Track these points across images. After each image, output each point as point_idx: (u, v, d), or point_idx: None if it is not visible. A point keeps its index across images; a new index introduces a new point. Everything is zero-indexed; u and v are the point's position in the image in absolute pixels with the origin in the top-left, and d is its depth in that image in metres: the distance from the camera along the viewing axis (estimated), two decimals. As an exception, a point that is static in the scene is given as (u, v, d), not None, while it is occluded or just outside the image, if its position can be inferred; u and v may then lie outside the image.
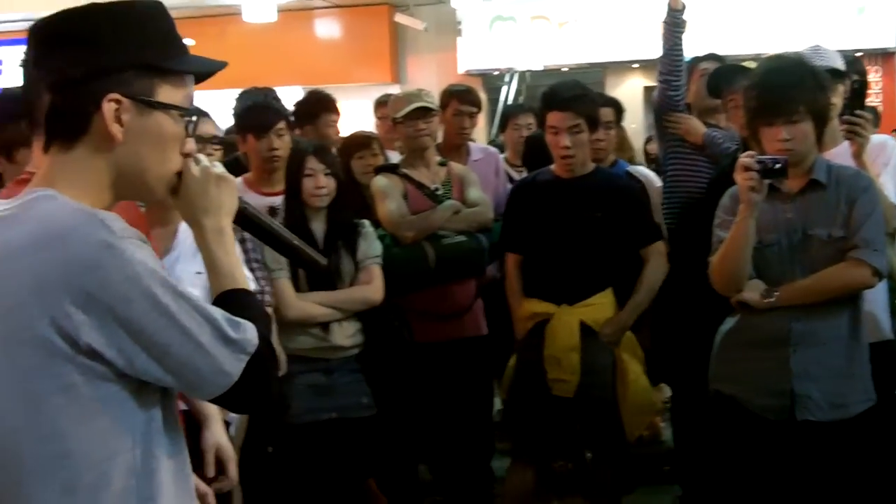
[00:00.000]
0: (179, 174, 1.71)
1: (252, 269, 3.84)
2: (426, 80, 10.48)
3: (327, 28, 12.58)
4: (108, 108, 1.57)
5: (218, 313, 1.58)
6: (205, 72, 1.71)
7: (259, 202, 4.16)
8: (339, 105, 5.51)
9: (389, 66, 12.30)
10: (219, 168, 1.74)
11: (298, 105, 5.48)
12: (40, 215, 1.54)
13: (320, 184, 3.96)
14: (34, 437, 1.53)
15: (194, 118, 1.71)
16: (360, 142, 4.87)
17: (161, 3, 1.68)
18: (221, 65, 1.75)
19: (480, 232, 4.47)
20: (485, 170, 4.98)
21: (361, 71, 12.17)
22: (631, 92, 11.26)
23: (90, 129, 1.59)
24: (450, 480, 4.81)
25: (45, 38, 1.63)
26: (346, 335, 4.03)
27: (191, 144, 1.71)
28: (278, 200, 4.19)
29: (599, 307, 4.07)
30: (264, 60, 11.91)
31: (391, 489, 4.75)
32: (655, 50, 4.85)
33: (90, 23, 1.60)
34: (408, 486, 4.68)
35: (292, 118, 4.71)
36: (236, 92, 4.72)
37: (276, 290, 3.92)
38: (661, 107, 4.75)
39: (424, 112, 4.46)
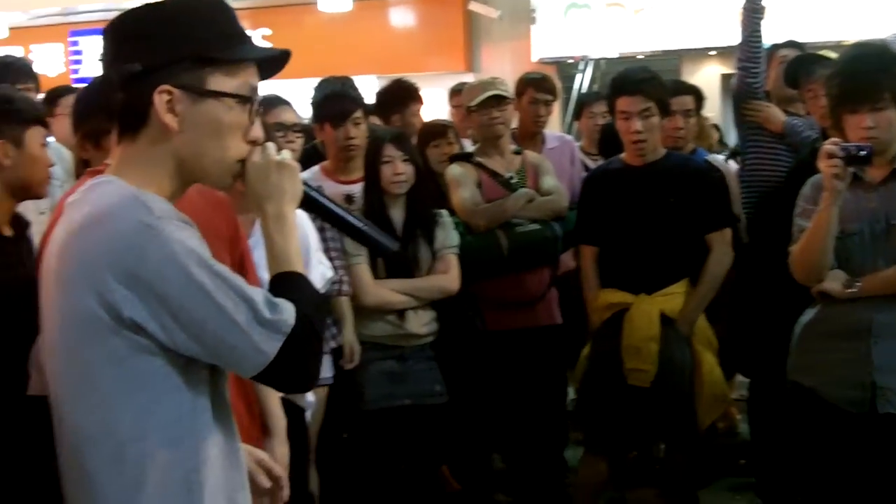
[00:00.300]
0: (244, 162, 1.75)
1: (331, 258, 3.88)
2: (500, 68, 10.44)
3: (401, 17, 12.59)
4: (159, 99, 1.65)
5: (258, 294, 1.62)
6: (258, 58, 1.75)
7: (336, 190, 4.20)
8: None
9: (463, 54, 12.27)
10: (280, 155, 1.77)
11: (382, 94, 5.50)
12: (93, 198, 1.65)
13: (398, 170, 3.98)
14: (87, 406, 1.63)
15: (256, 106, 1.75)
16: (436, 130, 4.88)
17: (220, 2, 1.74)
18: (275, 51, 1.79)
19: (554, 220, 4.45)
20: (560, 158, 4.95)
21: (435, 59, 12.16)
22: (708, 80, 11.08)
23: (149, 121, 1.67)
24: (522, 470, 4.81)
25: (114, 36, 1.73)
26: (421, 323, 4.06)
27: (256, 132, 1.75)
28: (355, 188, 4.22)
29: (677, 297, 4.03)
30: (339, 50, 11.97)
31: (464, 477, 4.78)
32: (733, 37, 4.79)
33: (146, 20, 1.69)
34: (480, 475, 4.69)
35: (372, 107, 4.73)
36: (314, 81, 4.75)
37: (354, 276, 3.95)
38: (740, 94, 4.69)
39: (498, 100, 4.45)
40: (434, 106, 7.20)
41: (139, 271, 1.56)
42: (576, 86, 11.77)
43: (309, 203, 1.86)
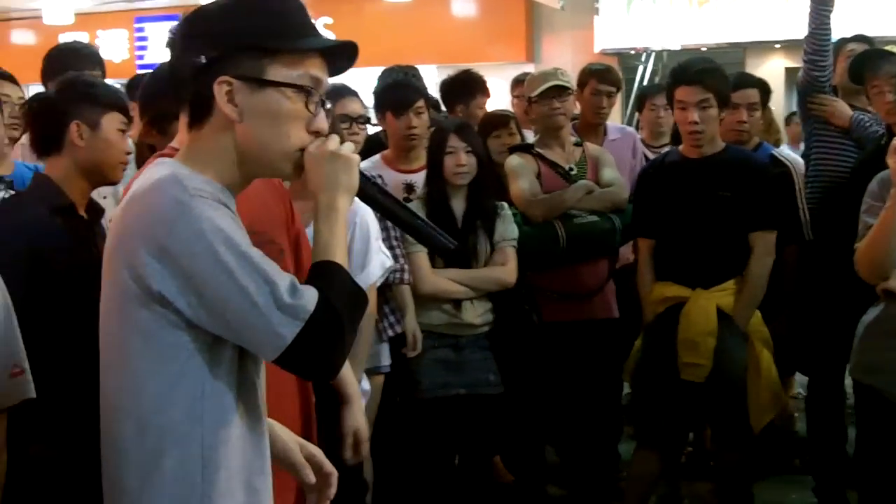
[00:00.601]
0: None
1: (392, 247, 3.89)
2: (561, 58, 10.41)
3: (463, 6, 12.59)
4: (218, 90, 1.68)
5: (283, 279, 1.63)
6: (319, 48, 1.75)
7: (397, 179, 4.22)
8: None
9: (524, 44, 12.24)
10: (336, 145, 1.77)
11: (448, 84, 5.48)
12: (143, 178, 1.71)
13: (461, 161, 3.98)
14: (117, 376, 1.69)
15: (319, 97, 1.75)
16: (497, 121, 4.86)
17: None
18: (337, 42, 1.79)
19: (614, 212, 4.42)
20: (622, 150, 4.92)
21: (496, 49, 12.14)
22: (772, 73, 10.94)
23: (214, 112, 1.71)
24: (575, 463, 4.80)
25: (184, 30, 1.76)
26: (476, 314, 4.06)
27: (320, 123, 1.76)
28: (416, 178, 4.23)
29: (735, 292, 3.98)
30: (400, 39, 12.00)
31: (517, 468, 4.78)
32: (799, 29, 4.73)
33: (212, 13, 1.73)
34: (534, 466, 4.68)
35: (434, 98, 4.72)
36: (375, 70, 4.77)
37: (412, 264, 3.96)
38: (806, 88, 4.62)
39: (559, 91, 4.42)
40: (494, 96, 7.18)
41: (168, 246, 1.59)
42: (637, 77, 11.70)
43: (366, 196, 1.86)
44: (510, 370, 4.14)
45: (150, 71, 3.29)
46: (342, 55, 1.79)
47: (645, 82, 11.26)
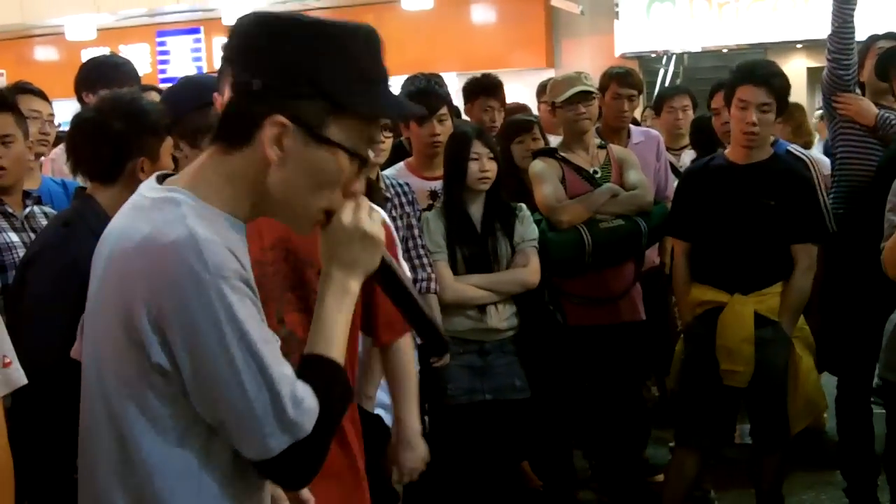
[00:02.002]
0: (330, 212, 1.64)
1: (420, 255, 3.90)
2: (581, 63, 10.39)
3: (483, 13, 12.62)
4: (270, 128, 1.52)
5: (286, 386, 1.51)
6: (390, 116, 1.67)
7: (421, 186, 4.22)
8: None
9: (545, 50, 12.25)
10: (370, 224, 1.66)
11: (464, 88, 5.50)
12: (159, 220, 1.52)
13: (485, 167, 3.98)
14: (108, 439, 1.57)
15: (366, 163, 1.62)
16: (521, 126, 4.84)
17: (373, 34, 1.60)
18: (412, 110, 1.69)
19: (639, 215, 4.40)
20: (645, 153, 4.90)
21: (517, 56, 12.16)
22: (794, 73, 10.89)
23: (252, 142, 1.54)
24: (604, 466, 4.79)
25: (243, 36, 1.58)
26: (501, 318, 4.06)
27: (358, 186, 1.64)
28: (440, 185, 4.23)
29: (774, 297, 3.95)
30: (421, 47, 12.04)
31: (546, 473, 4.77)
32: (820, 29, 4.70)
33: (286, 35, 1.54)
34: (562, 471, 4.67)
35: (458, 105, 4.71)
36: (397, 80, 4.76)
37: (435, 272, 3.96)
38: (831, 87, 4.59)
39: (584, 95, 4.42)
40: (516, 102, 7.19)
41: (175, 321, 1.47)
42: (658, 80, 11.69)
43: (382, 279, 1.78)
44: (537, 374, 4.13)
45: (172, 85, 3.30)
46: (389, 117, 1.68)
47: (666, 85, 11.24)
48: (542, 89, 6.14)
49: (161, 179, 1.64)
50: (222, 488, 1.58)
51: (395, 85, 4.64)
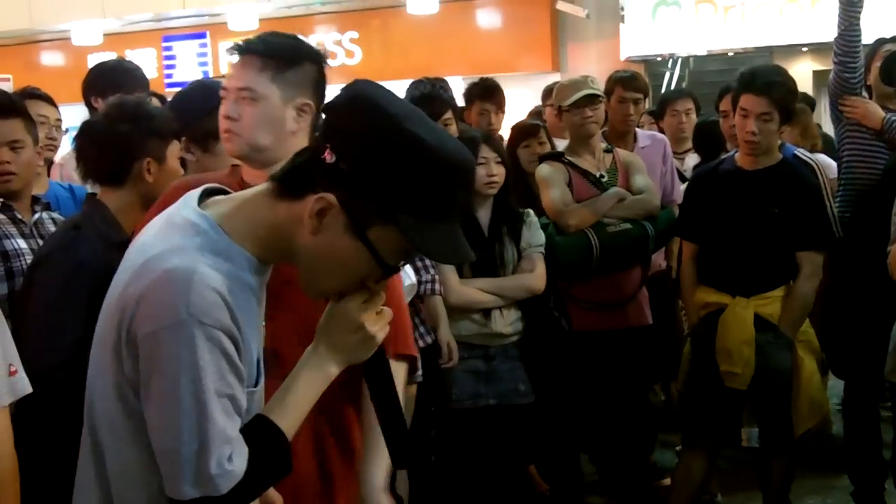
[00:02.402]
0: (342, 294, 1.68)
1: (423, 258, 3.90)
2: (587, 67, 10.40)
3: (488, 18, 12.61)
4: (318, 200, 1.56)
5: (218, 445, 1.54)
6: (433, 256, 1.72)
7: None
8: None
9: (550, 54, 12.25)
10: (372, 324, 1.69)
11: (465, 90, 5.50)
12: (171, 243, 1.60)
13: (492, 172, 3.98)
14: (88, 444, 1.69)
15: (391, 274, 1.67)
16: (527, 130, 4.85)
17: (466, 170, 1.63)
18: (454, 257, 1.72)
19: (646, 219, 4.40)
20: (652, 157, 4.89)
21: (522, 60, 12.15)
22: (800, 76, 10.89)
23: (301, 200, 1.59)
24: (610, 470, 4.78)
25: (351, 109, 1.60)
26: (506, 323, 4.06)
27: (378, 286, 1.67)
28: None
29: (776, 301, 3.95)
30: (427, 52, 12.05)
31: (552, 477, 4.76)
32: (826, 32, 4.70)
33: (387, 137, 1.55)
34: (569, 475, 4.67)
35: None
36: (402, 84, 4.77)
37: (440, 276, 3.96)
38: (837, 90, 4.59)
39: (591, 99, 4.41)
40: (521, 106, 7.19)
41: (144, 345, 1.55)
42: (664, 84, 11.68)
43: (370, 368, 1.77)
44: (542, 378, 4.13)
45: (182, 89, 3.31)
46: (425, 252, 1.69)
47: (672, 88, 11.24)
48: (547, 93, 6.14)
49: (210, 194, 1.72)
50: None
51: (400, 89, 4.66)
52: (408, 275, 3.54)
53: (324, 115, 1.67)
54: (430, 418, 4.08)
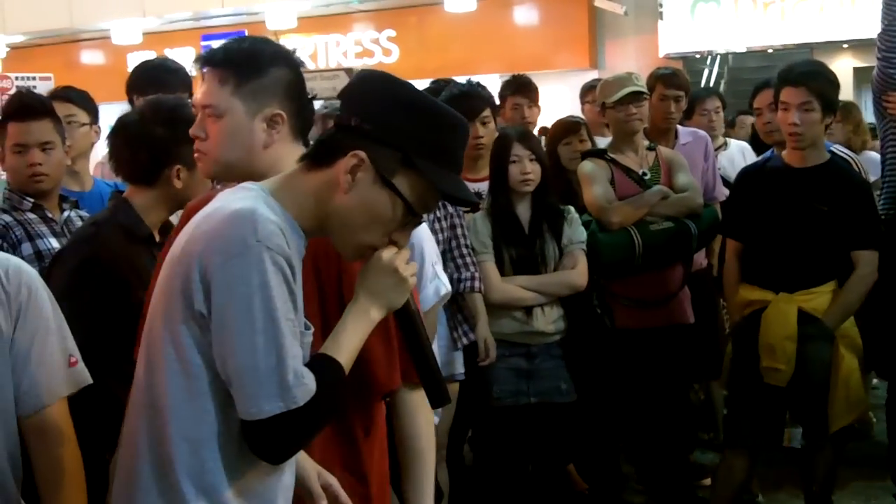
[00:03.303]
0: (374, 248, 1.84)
1: (463, 255, 3.90)
2: (625, 64, 10.35)
3: (526, 15, 12.60)
4: (349, 158, 1.76)
5: (294, 359, 1.67)
6: (447, 192, 1.82)
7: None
8: (539, 91, 5.45)
9: (588, 51, 12.22)
10: (405, 269, 1.85)
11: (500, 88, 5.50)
12: (231, 199, 1.75)
13: (526, 170, 3.98)
14: (151, 380, 1.76)
15: (420, 218, 1.84)
16: (568, 127, 4.83)
17: (463, 127, 1.86)
18: (464, 196, 1.86)
19: (689, 217, 4.37)
20: (693, 154, 4.85)
21: (560, 57, 12.13)
22: (840, 73, 10.73)
23: (332, 165, 1.78)
24: (650, 470, 4.76)
25: (361, 85, 1.87)
26: (548, 321, 4.05)
27: (403, 238, 1.85)
28: (483, 186, 4.23)
29: (822, 296, 3.90)
30: (464, 49, 12.06)
31: (592, 476, 4.75)
32: (867, 28, 4.65)
33: (393, 92, 1.81)
34: (608, 474, 4.65)
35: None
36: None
37: (482, 273, 3.96)
38: (881, 86, 4.52)
39: (635, 96, 4.39)
40: (558, 103, 7.18)
41: (216, 276, 1.66)
42: (703, 81, 11.62)
43: (401, 315, 1.94)
44: (584, 376, 4.11)
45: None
46: (444, 195, 1.85)
47: (711, 85, 11.17)
48: (586, 90, 6.11)
49: None
50: (232, 447, 1.73)
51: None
52: (444, 283, 3.53)
53: (339, 101, 1.89)
54: (472, 417, 4.08)
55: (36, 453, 2.12)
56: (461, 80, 4.62)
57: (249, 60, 2.04)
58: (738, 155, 5.45)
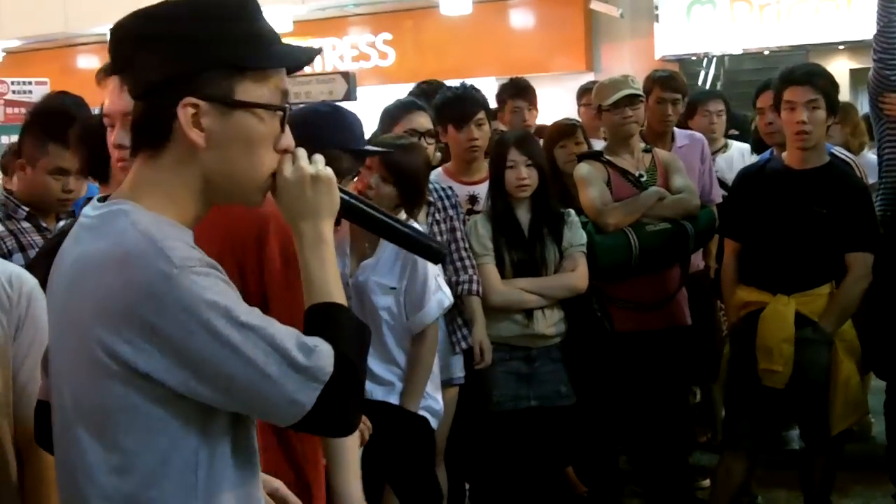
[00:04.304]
0: (275, 174, 1.62)
1: (462, 258, 3.90)
2: (621, 67, 10.36)
3: (522, 18, 12.62)
4: (183, 113, 1.50)
5: (290, 339, 1.49)
6: (291, 64, 1.62)
7: (460, 191, 4.21)
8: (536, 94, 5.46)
9: (584, 54, 12.23)
10: (313, 167, 1.64)
11: (497, 92, 5.50)
12: (112, 234, 1.50)
13: (522, 175, 3.97)
14: (97, 451, 1.52)
15: (288, 111, 1.60)
16: (564, 130, 4.83)
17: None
18: (307, 52, 1.66)
19: (686, 219, 4.37)
20: (690, 156, 4.85)
21: (556, 60, 12.14)
22: (836, 75, 10.79)
23: (172, 136, 1.53)
24: (649, 472, 4.76)
25: (126, 38, 1.56)
26: (548, 324, 4.04)
27: (287, 140, 1.62)
28: (479, 189, 4.23)
29: (819, 298, 3.91)
30: (460, 52, 12.06)
31: (590, 479, 4.74)
32: (863, 30, 4.64)
33: (166, 20, 1.53)
34: (607, 476, 4.65)
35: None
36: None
37: (482, 276, 3.96)
38: (876, 87, 4.52)
39: (632, 99, 4.39)
40: (555, 106, 7.18)
41: (158, 324, 1.43)
42: (699, 83, 11.64)
43: (351, 213, 1.76)
44: (583, 379, 4.11)
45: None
46: (292, 67, 1.65)
47: (707, 87, 11.18)
48: (582, 93, 6.12)
49: (101, 200, 1.61)
50: (214, 495, 1.55)
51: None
52: (447, 295, 3.52)
53: (117, 69, 1.62)
54: (472, 420, 4.07)
55: (27, 464, 2.07)
56: (455, 83, 4.62)
57: None
58: (737, 157, 5.45)
